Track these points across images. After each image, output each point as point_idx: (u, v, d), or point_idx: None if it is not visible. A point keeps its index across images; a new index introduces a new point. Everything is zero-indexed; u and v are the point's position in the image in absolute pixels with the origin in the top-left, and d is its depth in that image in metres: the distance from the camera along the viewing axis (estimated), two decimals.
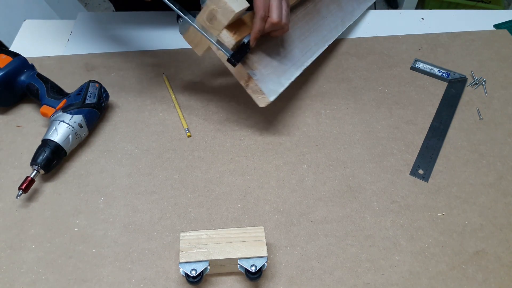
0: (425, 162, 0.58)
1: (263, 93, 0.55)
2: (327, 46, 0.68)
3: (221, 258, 0.43)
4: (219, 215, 0.53)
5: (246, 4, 0.50)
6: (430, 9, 0.87)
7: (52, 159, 0.54)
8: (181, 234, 0.45)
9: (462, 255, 0.49)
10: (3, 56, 0.61)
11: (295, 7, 0.64)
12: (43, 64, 0.70)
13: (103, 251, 0.49)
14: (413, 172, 0.57)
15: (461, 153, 0.60)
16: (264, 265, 0.44)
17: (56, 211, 0.53)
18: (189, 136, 0.61)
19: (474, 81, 0.69)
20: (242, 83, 0.55)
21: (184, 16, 0.51)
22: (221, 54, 0.53)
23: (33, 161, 0.53)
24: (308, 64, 0.62)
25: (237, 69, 0.54)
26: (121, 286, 0.47)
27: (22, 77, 0.61)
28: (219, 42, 0.51)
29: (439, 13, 0.83)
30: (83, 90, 0.60)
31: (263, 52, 0.57)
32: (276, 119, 0.64)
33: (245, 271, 0.44)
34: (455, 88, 0.68)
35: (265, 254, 0.44)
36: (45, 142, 0.54)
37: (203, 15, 0.50)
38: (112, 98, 0.66)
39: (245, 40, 0.52)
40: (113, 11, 0.88)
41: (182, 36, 0.55)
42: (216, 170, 0.57)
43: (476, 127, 0.63)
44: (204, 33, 0.51)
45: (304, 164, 0.58)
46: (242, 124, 0.63)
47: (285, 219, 0.53)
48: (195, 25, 0.51)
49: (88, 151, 0.59)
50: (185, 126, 0.62)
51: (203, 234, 0.45)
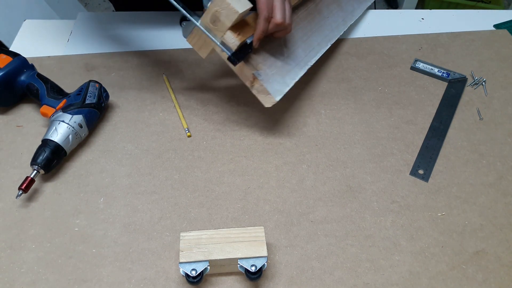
0: (425, 162, 0.58)
1: (269, 93, 0.54)
2: (329, 45, 0.67)
3: (221, 258, 0.43)
4: (219, 215, 0.53)
5: (249, 5, 0.50)
6: (430, 9, 0.87)
7: (52, 159, 0.54)
8: (181, 234, 0.45)
9: (462, 255, 0.49)
10: (3, 56, 0.61)
11: (297, 7, 0.64)
12: (43, 64, 0.70)
13: (103, 251, 0.49)
14: (413, 172, 0.57)
15: (461, 153, 0.60)
16: (264, 265, 0.44)
17: (56, 211, 0.53)
18: (189, 136, 0.61)
19: (474, 81, 0.69)
20: (247, 84, 0.55)
21: (189, 16, 0.50)
22: (226, 56, 0.52)
23: (33, 161, 0.53)
24: (312, 64, 0.62)
25: (241, 70, 0.54)
26: (121, 286, 0.47)
27: (22, 77, 0.61)
28: (223, 44, 0.51)
29: (439, 13, 0.83)
30: (83, 90, 0.60)
31: (267, 52, 0.57)
32: (276, 119, 0.64)
33: (245, 271, 0.44)
34: (455, 88, 0.68)
35: (265, 254, 0.44)
36: (45, 142, 0.54)
37: (206, 17, 0.50)
38: (112, 98, 0.66)
39: (248, 41, 0.52)
40: (113, 11, 0.88)
41: (186, 39, 0.55)
42: (216, 170, 0.58)
43: (476, 127, 0.63)
44: (209, 34, 0.51)
45: (304, 164, 0.58)
46: (242, 124, 0.63)
47: (285, 219, 0.53)
48: (200, 25, 0.51)
49: (88, 151, 0.59)
50: (185, 126, 0.62)
51: (203, 234, 0.45)
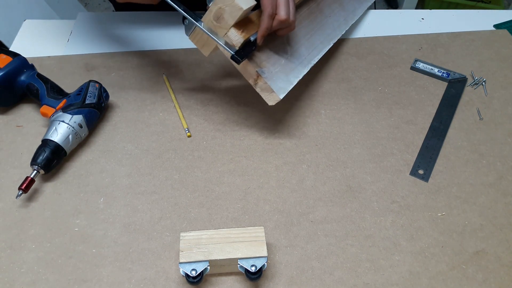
0: (425, 162, 0.58)
1: (273, 91, 0.54)
2: (332, 44, 0.67)
3: (221, 258, 0.43)
4: (219, 215, 0.53)
5: (253, 2, 0.49)
6: (430, 9, 0.87)
7: (52, 159, 0.54)
8: (181, 234, 0.45)
9: (462, 255, 0.49)
10: (3, 56, 0.61)
11: (299, 6, 0.64)
12: (43, 64, 0.70)
13: (103, 251, 0.49)
14: (413, 172, 0.57)
15: (461, 153, 0.60)
16: (264, 265, 0.44)
17: (56, 211, 0.53)
18: (189, 136, 0.61)
19: (474, 81, 0.69)
20: (251, 81, 0.55)
21: (191, 19, 0.50)
22: (229, 54, 0.52)
23: (33, 161, 0.53)
24: (315, 62, 0.62)
25: (245, 67, 0.54)
26: (121, 286, 0.47)
27: (22, 77, 0.61)
28: (226, 44, 0.51)
29: (439, 13, 0.83)
30: (83, 90, 0.60)
31: (270, 50, 0.57)
32: (276, 119, 0.64)
33: (245, 271, 0.44)
34: (455, 88, 0.68)
35: (265, 254, 0.44)
36: (45, 142, 0.54)
37: (209, 14, 0.50)
38: (112, 98, 0.66)
39: (251, 38, 0.52)
40: (113, 11, 0.88)
41: (188, 37, 0.55)
42: (216, 170, 0.57)
43: (476, 127, 0.63)
44: (210, 34, 0.50)
45: (304, 164, 0.58)
46: (242, 124, 0.63)
47: (285, 219, 0.53)
48: (202, 26, 0.51)
49: (88, 151, 0.59)
50: (185, 126, 0.62)
51: (203, 234, 0.45)
